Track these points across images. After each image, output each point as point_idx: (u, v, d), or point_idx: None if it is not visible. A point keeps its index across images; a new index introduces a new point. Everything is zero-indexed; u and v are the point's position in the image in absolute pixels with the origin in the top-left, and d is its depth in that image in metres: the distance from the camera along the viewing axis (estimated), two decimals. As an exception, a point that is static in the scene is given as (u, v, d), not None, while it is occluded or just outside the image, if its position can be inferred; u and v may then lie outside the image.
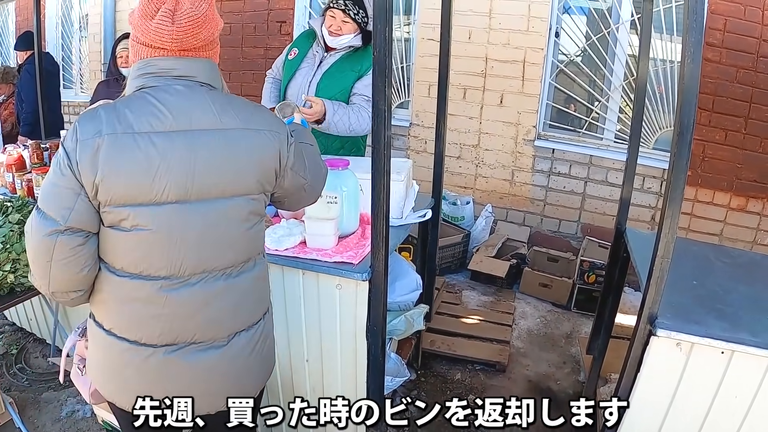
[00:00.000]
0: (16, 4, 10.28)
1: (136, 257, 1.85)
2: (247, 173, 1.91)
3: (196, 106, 1.85)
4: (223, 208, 1.90)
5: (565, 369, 4.44)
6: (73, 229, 1.78)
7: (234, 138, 1.88)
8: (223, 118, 1.87)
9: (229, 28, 7.86)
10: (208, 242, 1.90)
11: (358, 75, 3.90)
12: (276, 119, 2.06)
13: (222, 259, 1.94)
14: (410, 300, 3.58)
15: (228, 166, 1.87)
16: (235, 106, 1.93)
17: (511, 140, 6.47)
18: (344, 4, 3.74)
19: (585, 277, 5.29)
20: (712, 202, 5.73)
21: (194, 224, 1.86)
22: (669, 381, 2.52)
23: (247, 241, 2.01)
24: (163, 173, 1.78)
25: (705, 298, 2.76)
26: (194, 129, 1.83)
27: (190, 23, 1.82)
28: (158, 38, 1.82)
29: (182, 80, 1.87)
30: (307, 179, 2.16)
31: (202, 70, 1.90)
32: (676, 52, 5.73)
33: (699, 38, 2.13)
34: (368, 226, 2.88)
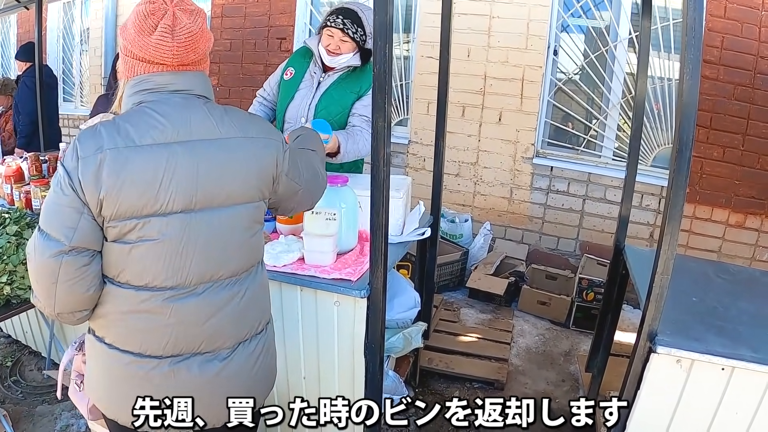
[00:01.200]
0: (18, 16, 10.31)
1: (142, 269, 1.85)
2: (248, 181, 1.94)
3: (195, 117, 1.87)
4: (226, 216, 1.92)
5: (564, 387, 4.42)
6: (78, 248, 1.76)
7: (233, 147, 1.90)
8: (222, 127, 1.90)
9: (229, 44, 7.91)
10: (214, 250, 1.91)
11: (358, 96, 3.82)
12: (270, 127, 2.09)
13: (227, 268, 1.96)
14: (408, 317, 3.57)
15: (230, 174, 1.89)
16: (231, 115, 1.95)
17: (509, 158, 6.48)
18: (343, 23, 3.63)
19: (583, 294, 5.28)
20: (710, 218, 5.74)
21: (199, 233, 1.88)
22: (669, 398, 2.52)
23: (250, 248, 2.03)
24: (167, 184, 1.79)
25: (705, 315, 2.76)
26: (195, 139, 1.85)
27: (189, 38, 1.84)
28: (158, 54, 1.82)
29: (180, 94, 1.88)
30: (302, 185, 2.18)
31: (198, 83, 1.92)
32: (673, 69, 5.75)
33: (697, 55, 2.13)
34: (367, 243, 2.88)
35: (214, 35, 6.69)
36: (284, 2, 7.46)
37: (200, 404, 1.98)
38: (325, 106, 3.79)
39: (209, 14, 8.07)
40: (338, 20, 3.62)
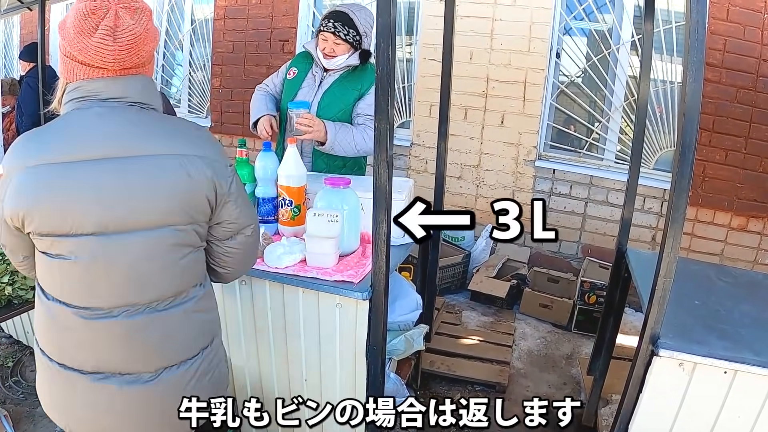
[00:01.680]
0: (22, 17, 10.32)
1: (61, 284, 1.84)
2: (170, 202, 1.79)
3: (115, 132, 1.75)
4: (144, 240, 1.80)
5: (566, 390, 4.42)
6: (12, 251, 1.92)
7: (154, 165, 1.76)
8: (145, 143, 1.77)
9: (231, 45, 7.92)
10: (131, 275, 1.81)
11: (360, 93, 3.89)
12: (211, 144, 1.92)
13: (146, 293, 1.84)
14: (410, 320, 3.57)
15: (147, 195, 1.76)
16: (163, 129, 1.83)
17: (511, 160, 6.47)
18: (334, 27, 3.73)
19: (585, 297, 5.27)
20: (712, 222, 5.73)
21: (114, 257, 1.78)
22: (671, 401, 2.51)
23: (176, 274, 1.89)
24: (76, 204, 1.73)
25: (707, 318, 2.75)
26: (111, 157, 1.74)
27: (132, 41, 1.74)
28: (99, 58, 1.72)
29: (109, 102, 1.78)
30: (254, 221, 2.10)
31: (135, 89, 1.81)
32: (676, 72, 5.75)
33: (700, 58, 2.13)
34: (369, 245, 2.87)
35: (217, 37, 6.73)
36: (287, 4, 7.47)
37: (129, 424, 1.93)
38: (327, 103, 3.87)
39: (212, 16, 8.09)
40: (329, 24, 3.73)
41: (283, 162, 3.12)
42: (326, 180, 3.02)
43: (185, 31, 8.56)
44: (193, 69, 8.59)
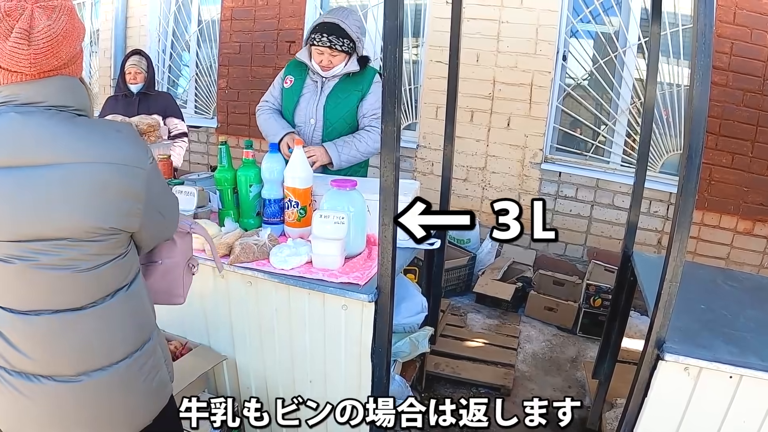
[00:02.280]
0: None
1: None
2: (84, 213, 1.69)
3: (25, 138, 1.65)
4: (58, 250, 1.71)
5: (570, 393, 4.42)
6: None
7: (64, 174, 1.66)
8: (56, 151, 1.66)
9: (238, 46, 7.93)
10: (48, 282, 1.74)
11: (362, 94, 3.95)
12: (132, 150, 1.78)
13: (61, 299, 1.77)
14: (415, 322, 3.56)
15: (58, 206, 1.67)
16: (75, 135, 1.70)
17: (517, 163, 6.47)
18: (329, 41, 3.76)
19: (591, 300, 5.27)
20: (718, 225, 5.71)
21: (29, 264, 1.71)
22: (676, 406, 2.51)
23: (92, 281, 1.80)
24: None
25: (713, 323, 2.74)
26: (22, 165, 1.65)
27: (49, 43, 1.64)
28: (14, 62, 1.63)
29: (25, 107, 1.68)
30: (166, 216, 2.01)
31: (53, 92, 1.70)
32: (682, 75, 5.74)
33: (708, 61, 2.12)
34: (375, 247, 2.88)
35: (224, 38, 6.73)
36: (294, 6, 7.47)
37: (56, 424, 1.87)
38: (332, 107, 3.92)
39: (219, 17, 8.10)
40: (323, 39, 3.76)
41: (290, 164, 3.12)
42: (333, 182, 3.02)
43: (192, 31, 8.57)
44: (199, 70, 8.60)
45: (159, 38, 8.79)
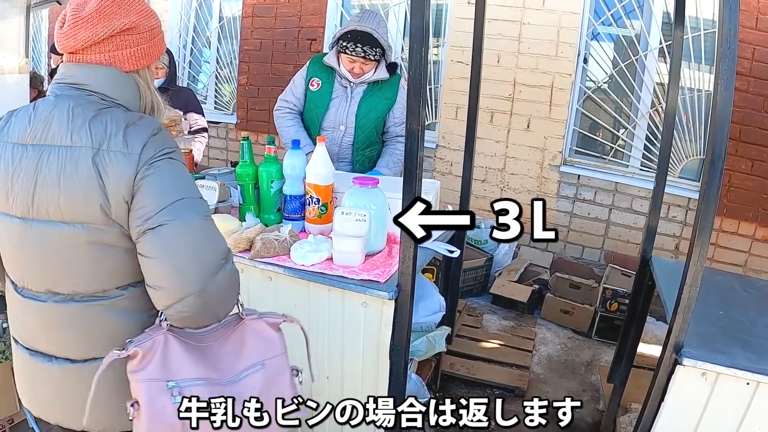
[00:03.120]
0: (50, 10, 10.41)
1: (4, 261, 1.92)
2: (87, 199, 1.71)
3: (55, 120, 1.75)
4: (60, 233, 1.75)
5: (585, 397, 4.41)
6: None
7: (76, 157, 1.71)
8: (75, 134, 1.72)
9: (259, 43, 7.96)
10: (49, 265, 1.80)
11: (390, 104, 4.07)
12: (139, 137, 1.74)
13: (66, 285, 1.81)
14: (433, 321, 3.57)
15: (66, 188, 1.71)
16: (97, 122, 1.73)
17: (536, 165, 6.47)
18: (363, 51, 3.82)
19: (607, 304, 5.26)
20: (737, 232, 5.69)
21: (34, 244, 1.79)
22: (693, 411, 2.50)
23: (93, 272, 1.80)
24: (11, 186, 1.77)
25: (730, 329, 2.73)
26: (46, 144, 1.74)
27: (70, 24, 1.75)
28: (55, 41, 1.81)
29: (72, 88, 1.79)
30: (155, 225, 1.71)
31: (96, 79, 1.80)
32: (702, 80, 5.72)
33: (732, 66, 2.13)
34: (395, 246, 2.89)
35: (245, 35, 6.76)
36: (315, 3, 7.50)
37: (61, 403, 1.93)
38: (365, 113, 4.04)
39: (240, 14, 8.14)
40: (357, 49, 3.82)
41: (312, 160, 3.14)
42: (355, 179, 3.03)
43: (213, 28, 8.61)
44: (220, 66, 8.63)
45: (180, 34, 8.84)
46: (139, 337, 1.79)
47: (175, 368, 1.82)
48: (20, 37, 7.35)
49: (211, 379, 1.87)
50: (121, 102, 1.82)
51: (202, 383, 1.85)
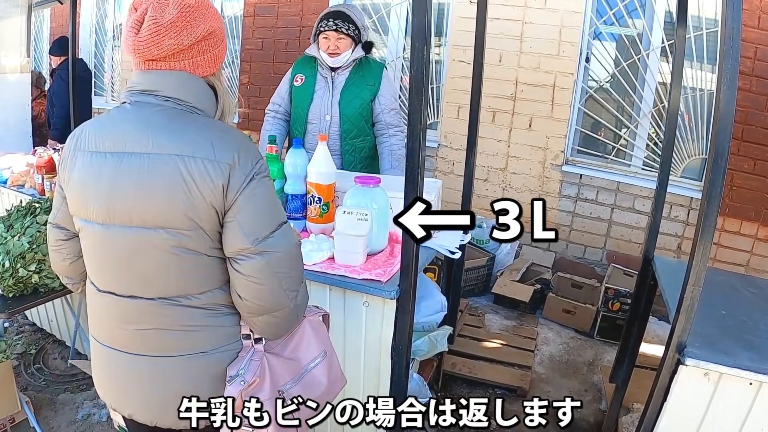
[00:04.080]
0: (52, 10, 10.46)
1: (87, 265, 1.98)
2: (171, 205, 1.74)
3: (134, 127, 1.77)
4: (141, 238, 1.79)
5: (587, 397, 4.40)
6: (59, 225, 2.03)
7: (160, 164, 1.73)
8: (157, 141, 1.74)
9: (260, 42, 7.96)
10: (132, 269, 1.83)
11: (373, 90, 4.08)
12: (229, 148, 1.76)
13: (148, 288, 1.84)
14: (434, 321, 3.57)
15: (148, 194, 1.75)
16: (180, 129, 1.76)
17: (538, 164, 6.46)
18: (335, 24, 3.91)
19: (609, 304, 5.25)
20: (739, 232, 5.68)
21: (114, 248, 1.83)
22: (695, 411, 2.50)
23: (177, 276, 1.83)
24: (92, 193, 1.80)
25: (733, 329, 2.73)
26: (126, 151, 1.76)
27: (151, 32, 1.73)
28: (127, 49, 1.79)
29: (145, 95, 1.81)
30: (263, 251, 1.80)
31: (169, 85, 1.81)
32: (705, 79, 5.71)
33: (735, 65, 2.12)
34: (397, 245, 2.89)
35: (246, 34, 6.75)
36: (317, 2, 7.49)
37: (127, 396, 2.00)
38: (347, 102, 4.06)
39: (241, 13, 8.13)
40: (330, 23, 3.92)
41: (313, 159, 3.14)
42: (356, 178, 3.04)
43: (215, 27, 8.59)
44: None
45: (182, 33, 8.81)
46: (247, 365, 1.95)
47: (276, 378, 2.02)
48: (22, 36, 7.37)
49: (294, 378, 2.10)
50: (197, 106, 1.85)
51: (291, 384, 2.08)
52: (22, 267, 3.30)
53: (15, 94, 7.30)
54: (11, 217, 3.58)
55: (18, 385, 3.67)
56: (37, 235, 3.39)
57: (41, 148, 4.57)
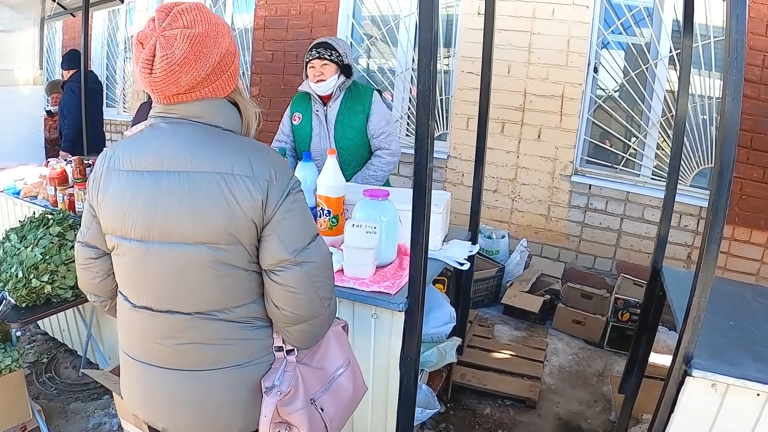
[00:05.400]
0: (64, 22, 10.54)
1: (119, 277, 2.01)
2: (211, 220, 1.77)
3: (170, 146, 1.80)
4: (179, 253, 1.81)
5: (596, 408, 4.40)
6: (88, 243, 2.04)
7: (200, 181, 1.77)
8: (195, 159, 1.77)
9: (271, 55, 8.00)
10: (166, 284, 1.86)
11: (366, 115, 4.16)
12: (264, 164, 1.80)
13: (184, 303, 1.87)
14: (443, 332, 3.58)
15: (188, 210, 1.77)
16: (217, 147, 1.80)
17: (548, 175, 6.47)
18: (317, 52, 4.05)
19: (619, 314, 5.24)
20: (749, 240, 5.66)
21: (154, 265, 1.86)
22: (703, 422, 2.49)
23: (214, 291, 1.85)
24: (130, 211, 1.82)
25: (741, 339, 2.73)
26: (163, 170, 1.79)
27: (165, 71, 1.72)
28: (144, 85, 1.80)
29: (181, 120, 1.84)
30: (302, 260, 1.85)
31: (196, 112, 1.83)
32: (714, 88, 5.71)
33: (740, 77, 2.12)
34: (406, 257, 2.91)
35: (257, 46, 6.80)
36: (326, 15, 7.53)
37: (163, 411, 2.02)
38: (341, 135, 4.17)
39: (251, 26, 8.17)
40: (313, 52, 4.07)
41: (322, 173, 3.17)
42: (365, 191, 3.06)
43: (225, 39, 8.63)
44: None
45: (193, 45, 8.86)
46: (282, 375, 1.99)
47: (308, 387, 2.07)
48: (34, 48, 7.44)
49: (323, 386, 2.16)
50: (224, 126, 1.88)
51: (320, 392, 2.13)
52: (35, 277, 3.34)
53: (28, 105, 7.38)
54: (24, 228, 3.62)
55: (30, 394, 3.69)
56: (50, 246, 3.43)
57: (54, 159, 4.61)
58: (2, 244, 3.59)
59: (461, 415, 4.22)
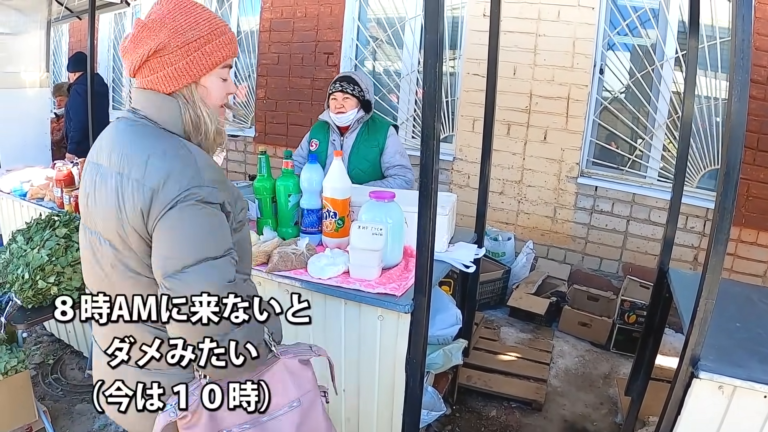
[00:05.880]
0: (70, 25, 10.56)
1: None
2: (108, 221, 1.76)
3: (106, 141, 1.88)
4: (100, 247, 1.83)
5: (602, 410, 4.39)
6: None
7: (108, 179, 1.78)
8: (111, 157, 1.79)
9: (276, 57, 8.01)
10: (100, 273, 1.87)
11: (380, 149, 4.26)
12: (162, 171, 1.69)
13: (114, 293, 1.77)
14: (449, 334, 3.58)
15: (100, 207, 1.80)
16: (130, 145, 1.77)
17: (554, 177, 6.46)
18: (341, 86, 4.17)
19: (625, 317, 5.23)
20: (756, 242, 5.65)
21: (87, 251, 1.92)
22: (710, 424, 2.48)
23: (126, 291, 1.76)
24: (82, 199, 1.94)
25: (748, 341, 2.72)
26: (98, 163, 1.87)
27: (121, 55, 1.88)
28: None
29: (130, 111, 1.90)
30: (171, 287, 1.66)
31: (141, 102, 1.88)
32: (720, 89, 5.70)
33: (746, 77, 2.11)
34: (411, 259, 2.91)
35: (263, 49, 6.84)
36: (332, 18, 7.54)
37: None
38: (355, 164, 4.22)
39: (258, 28, 8.19)
40: (337, 85, 4.19)
41: (329, 174, 3.18)
42: (371, 193, 3.07)
43: (231, 41, 8.64)
44: (238, 80, 8.67)
45: (198, 48, 8.87)
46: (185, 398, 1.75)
47: (219, 417, 1.80)
48: (41, 51, 7.45)
49: (255, 420, 1.84)
50: (162, 124, 1.84)
51: (248, 426, 1.84)
52: (41, 279, 3.35)
53: (34, 108, 7.39)
54: (31, 230, 3.63)
55: (36, 395, 3.70)
56: (56, 248, 3.43)
57: (60, 161, 4.62)
58: (9, 245, 3.60)
59: (467, 417, 4.21)
